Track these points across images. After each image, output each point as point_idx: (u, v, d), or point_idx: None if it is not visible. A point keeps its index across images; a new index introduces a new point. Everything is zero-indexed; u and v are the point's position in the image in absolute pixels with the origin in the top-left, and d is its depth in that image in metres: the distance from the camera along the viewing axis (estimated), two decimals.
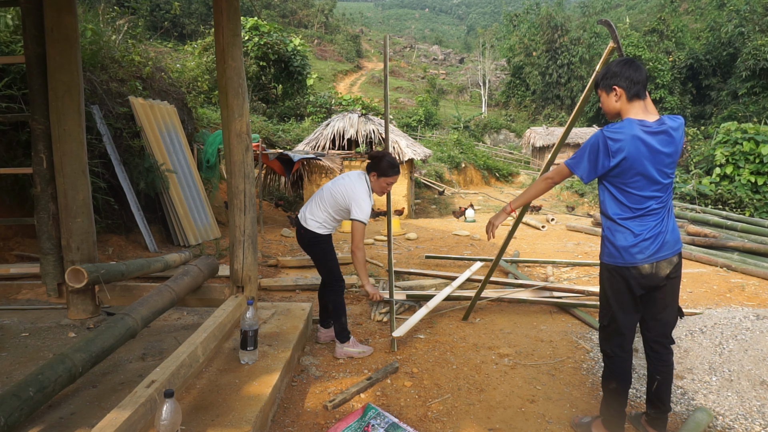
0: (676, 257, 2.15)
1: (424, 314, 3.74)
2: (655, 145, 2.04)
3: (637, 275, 2.11)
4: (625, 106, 2.13)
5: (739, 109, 26.44)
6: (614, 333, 2.24)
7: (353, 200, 3.05)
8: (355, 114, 13.72)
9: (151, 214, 6.61)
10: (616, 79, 2.12)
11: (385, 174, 3.15)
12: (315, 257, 3.24)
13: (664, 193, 2.11)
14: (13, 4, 4.12)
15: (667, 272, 2.12)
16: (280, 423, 2.42)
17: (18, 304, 3.65)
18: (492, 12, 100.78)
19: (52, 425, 2.02)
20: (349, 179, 3.15)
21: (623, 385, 2.27)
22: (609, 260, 2.19)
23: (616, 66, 2.13)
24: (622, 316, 2.20)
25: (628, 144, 2.03)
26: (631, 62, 2.10)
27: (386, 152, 3.22)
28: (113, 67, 6.85)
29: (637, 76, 2.08)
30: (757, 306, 4.44)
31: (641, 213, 2.09)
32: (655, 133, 2.05)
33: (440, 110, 38.74)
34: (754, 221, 7.95)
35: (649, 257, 2.09)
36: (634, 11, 52.25)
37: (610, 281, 2.20)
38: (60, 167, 3.22)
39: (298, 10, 54.91)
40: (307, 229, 3.14)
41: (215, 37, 3.10)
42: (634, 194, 2.09)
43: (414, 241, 8.28)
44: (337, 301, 3.23)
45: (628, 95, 2.11)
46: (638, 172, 2.05)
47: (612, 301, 2.21)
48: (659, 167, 2.06)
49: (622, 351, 2.24)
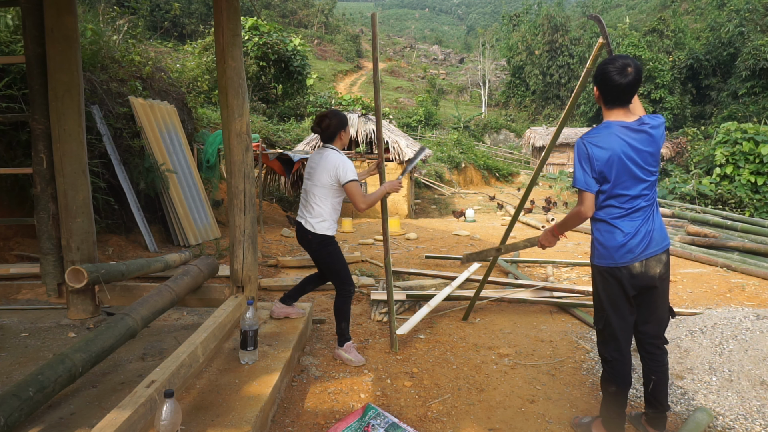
0: (665, 255, 2.15)
1: (425, 313, 3.74)
2: (635, 144, 2.05)
3: (628, 275, 2.11)
4: (605, 109, 2.15)
5: (739, 109, 26.44)
6: (610, 337, 2.22)
7: (340, 166, 2.97)
8: (355, 114, 13.72)
9: (151, 214, 6.61)
10: (597, 82, 2.12)
11: (344, 124, 3.11)
12: (324, 261, 3.12)
13: (650, 190, 2.12)
14: (13, 4, 4.12)
15: (657, 270, 2.12)
16: (280, 423, 2.42)
17: (18, 304, 3.65)
18: (492, 12, 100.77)
19: (52, 425, 2.02)
20: (322, 158, 3.05)
21: (622, 388, 2.26)
22: (600, 262, 2.19)
23: (602, 67, 2.09)
24: (616, 319, 2.19)
25: (608, 146, 2.04)
26: (621, 70, 2.02)
27: (326, 111, 3.16)
28: (113, 67, 6.85)
29: (616, 87, 2.03)
30: (757, 306, 4.44)
31: (630, 211, 2.10)
32: (634, 131, 2.06)
33: (440, 110, 38.75)
34: (754, 221, 7.95)
35: (638, 255, 2.09)
36: (634, 11, 52.24)
37: (603, 284, 2.19)
38: (60, 167, 3.22)
39: (298, 10, 54.91)
40: (315, 233, 3.01)
41: (215, 37, 3.10)
42: (621, 194, 2.08)
43: (414, 241, 8.27)
44: (342, 308, 3.12)
45: (605, 102, 2.12)
46: (623, 172, 2.05)
47: (606, 305, 2.20)
48: (642, 165, 2.07)
49: (620, 355, 2.22)
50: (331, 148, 3.08)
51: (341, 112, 3.18)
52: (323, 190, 3.02)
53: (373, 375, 3.00)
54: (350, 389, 2.81)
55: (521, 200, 3.35)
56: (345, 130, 3.12)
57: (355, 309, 4.31)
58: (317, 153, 3.12)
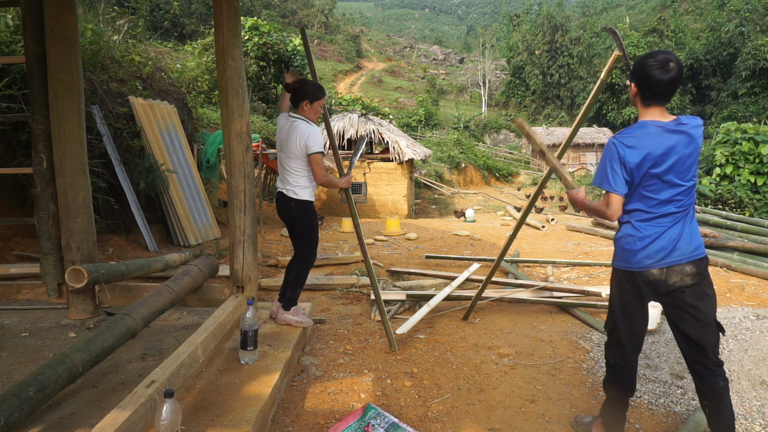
0: (691, 266, 1.98)
1: (425, 313, 3.73)
2: (672, 146, 1.92)
3: (645, 281, 2.02)
4: (641, 107, 2.03)
5: (739, 109, 26.46)
6: (615, 342, 2.17)
7: (309, 137, 2.97)
8: (355, 114, 13.73)
9: (151, 214, 6.61)
10: (636, 78, 1.99)
11: (316, 97, 3.07)
12: (303, 228, 3.18)
13: (684, 196, 1.98)
14: (13, 4, 4.12)
15: (678, 280, 1.97)
16: (280, 423, 2.42)
17: (18, 304, 3.65)
18: (492, 12, 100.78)
19: (52, 425, 2.02)
20: (291, 129, 3.02)
21: (623, 393, 2.21)
22: (618, 265, 2.10)
23: (642, 62, 1.96)
24: (625, 325, 2.11)
25: (642, 147, 1.93)
26: (663, 64, 1.92)
27: (302, 78, 3.14)
28: (113, 67, 6.85)
29: (656, 83, 1.93)
30: (757, 306, 4.44)
31: (657, 216, 1.99)
32: (672, 131, 1.93)
33: (440, 110, 38.78)
34: (754, 221, 7.94)
35: (658, 262, 1.98)
36: (634, 11, 52.28)
37: (619, 288, 2.12)
38: (60, 167, 3.22)
39: (298, 10, 54.93)
40: (298, 200, 3.07)
41: (215, 37, 3.10)
42: (650, 197, 1.98)
43: (414, 241, 8.28)
44: (302, 275, 3.23)
45: (643, 99, 2.00)
46: (654, 175, 1.94)
47: (616, 309, 2.14)
48: (677, 169, 1.94)
49: (623, 361, 2.16)
50: (300, 118, 3.07)
51: (322, 88, 3.13)
52: (297, 161, 3.06)
53: (373, 375, 3.00)
54: (350, 389, 2.81)
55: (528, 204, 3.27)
56: (311, 105, 3.07)
57: (355, 309, 4.31)
58: (286, 122, 3.10)
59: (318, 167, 3.03)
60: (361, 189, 13.25)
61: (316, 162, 3.02)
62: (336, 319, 4.03)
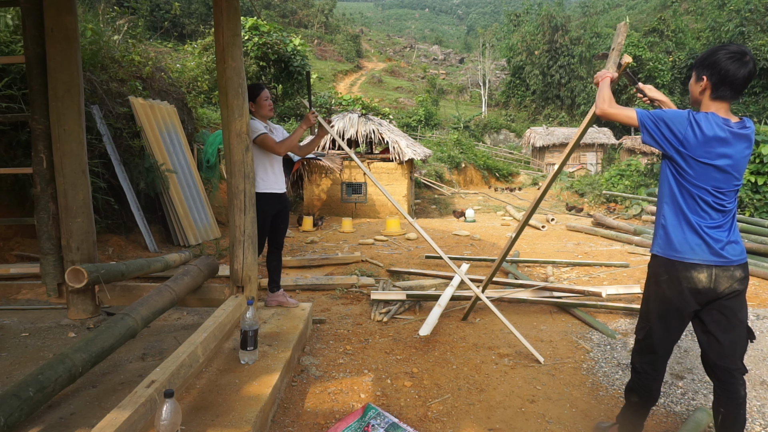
0: (739, 271, 1.90)
1: (438, 313, 3.69)
2: (734, 146, 1.83)
3: (688, 279, 1.89)
4: (707, 102, 1.90)
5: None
6: (647, 349, 2.05)
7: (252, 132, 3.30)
8: (355, 114, 13.72)
9: (151, 214, 6.61)
10: (709, 71, 1.85)
11: (254, 95, 3.41)
12: (285, 219, 3.66)
13: (729, 198, 1.91)
14: (13, 4, 4.12)
15: (727, 285, 1.88)
16: (280, 423, 2.42)
17: (18, 304, 3.65)
18: (492, 12, 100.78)
19: (52, 425, 2.02)
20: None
21: (645, 402, 2.12)
22: (659, 251, 1.96)
23: (717, 55, 1.84)
24: (661, 333, 1.99)
25: (703, 135, 1.81)
26: (740, 57, 1.81)
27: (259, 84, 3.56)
28: (113, 67, 6.85)
29: (732, 77, 1.82)
30: (757, 306, 4.44)
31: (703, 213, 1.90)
32: (736, 135, 1.84)
33: (440, 110, 38.76)
34: (754, 221, 7.95)
35: (705, 259, 1.87)
36: (634, 11, 52.29)
37: (656, 287, 1.98)
38: (60, 167, 3.22)
39: (298, 10, 54.92)
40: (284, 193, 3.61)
41: (215, 37, 3.10)
42: (699, 195, 1.88)
43: (414, 241, 8.27)
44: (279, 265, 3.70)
45: (713, 92, 1.87)
46: (708, 174, 1.85)
47: (653, 315, 2.00)
48: (730, 172, 1.86)
49: (652, 369, 2.06)
50: (252, 119, 3.41)
51: (256, 84, 3.49)
52: (256, 154, 3.38)
53: (373, 375, 3.00)
54: (350, 389, 2.81)
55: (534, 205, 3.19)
56: (255, 103, 3.43)
57: (355, 309, 4.31)
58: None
59: (268, 145, 3.35)
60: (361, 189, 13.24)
61: (264, 143, 3.34)
62: (336, 319, 4.03)
